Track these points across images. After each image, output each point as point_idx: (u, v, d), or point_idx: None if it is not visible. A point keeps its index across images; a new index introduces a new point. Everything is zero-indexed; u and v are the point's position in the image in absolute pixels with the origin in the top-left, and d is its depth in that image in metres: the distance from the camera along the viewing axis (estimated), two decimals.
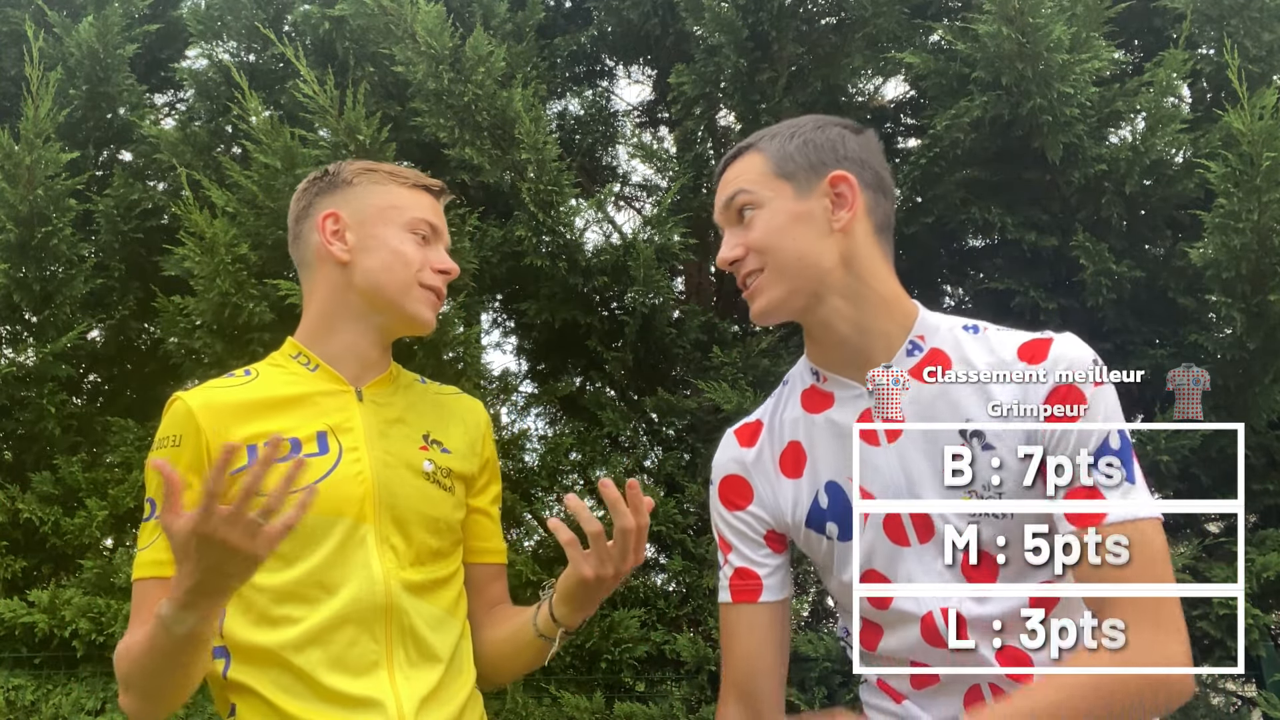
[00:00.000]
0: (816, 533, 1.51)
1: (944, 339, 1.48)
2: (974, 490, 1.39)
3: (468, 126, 3.60)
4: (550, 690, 3.53)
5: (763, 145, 1.53)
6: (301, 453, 1.50)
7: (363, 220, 1.60)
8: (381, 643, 1.49)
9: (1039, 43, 3.13)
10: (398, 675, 1.49)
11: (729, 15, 3.61)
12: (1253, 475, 3.50)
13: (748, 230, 1.49)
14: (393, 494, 1.55)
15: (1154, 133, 3.33)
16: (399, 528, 1.54)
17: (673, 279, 4.22)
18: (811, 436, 1.53)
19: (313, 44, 4.14)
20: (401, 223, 1.60)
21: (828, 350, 1.52)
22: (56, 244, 3.89)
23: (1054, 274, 3.59)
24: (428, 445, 1.63)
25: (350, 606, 1.48)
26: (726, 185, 1.54)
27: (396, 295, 1.58)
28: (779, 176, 1.49)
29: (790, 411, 1.57)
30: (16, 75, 4.22)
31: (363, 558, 1.50)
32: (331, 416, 1.56)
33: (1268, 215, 2.98)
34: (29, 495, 3.89)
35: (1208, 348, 3.33)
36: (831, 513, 1.49)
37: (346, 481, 1.52)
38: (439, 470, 1.61)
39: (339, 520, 1.50)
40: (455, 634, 1.59)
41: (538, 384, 4.50)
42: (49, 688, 3.54)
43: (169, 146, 4.09)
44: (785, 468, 1.56)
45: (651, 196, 4.85)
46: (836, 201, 1.49)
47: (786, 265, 1.47)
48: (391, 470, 1.56)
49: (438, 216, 1.66)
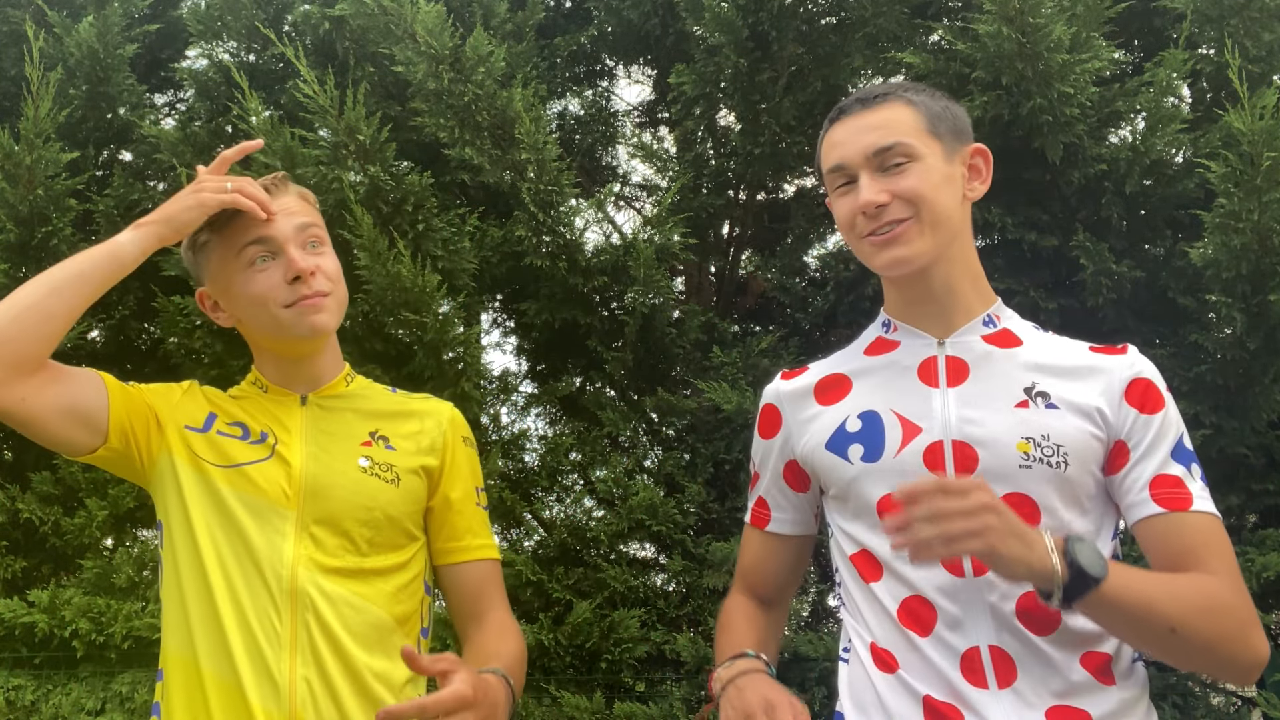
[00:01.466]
0: (837, 455, 1.52)
1: (1017, 324, 1.56)
2: (1033, 439, 1.42)
3: (468, 126, 3.60)
4: (550, 690, 3.53)
5: (911, 98, 1.53)
6: (248, 439, 1.63)
7: (219, 287, 1.66)
8: (286, 625, 1.53)
9: (1039, 43, 3.13)
10: (298, 659, 1.52)
11: (729, 15, 3.61)
12: (1253, 475, 3.49)
13: (899, 178, 1.48)
14: (320, 485, 1.60)
15: (1154, 133, 3.33)
16: (325, 518, 1.59)
17: (673, 279, 4.22)
18: (864, 371, 1.58)
19: (313, 44, 4.14)
20: (238, 266, 1.62)
21: (913, 305, 1.56)
22: (56, 244, 3.89)
23: (1054, 274, 3.59)
24: (372, 441, 1.67)
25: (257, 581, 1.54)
26: (874, 130, 1.50)
27: (276, 331, 1.62)
28: (931, 134, 1.50)
29: (848, 355, 1.63)
30: (16, 75, 4.22)
31: (279, 538, 1.56)
32: (275, 419, 1.66)
33: (1268, 215, 2.98)
34: (29, 495, 3.89)
35: (1208, 348, 3.33)
36: (861, 436, 1.50)
37: (274, 469, 1.60)
38: (377, 465, 1.65)
39: (260, 500, 1.58)
40: (383, 628, 1.59)
41: (538, 384, 4.51)
42: (49, 688, 3.54)
43: (169, 146, 4.09)
44: (821, 396, 1.59)
45: (651, 196, 4.86)
46: (972, 173, 1.54)
47: (938, 221, 1.49)
48: (321, 464, 1.62)
49: (269, 224, 1.61)
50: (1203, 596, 1.34)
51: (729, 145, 4.21)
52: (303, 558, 1.55)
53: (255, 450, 1.61)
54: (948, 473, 1.44)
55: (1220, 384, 3.26)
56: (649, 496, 3.60)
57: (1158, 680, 3.40)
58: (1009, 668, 1.37)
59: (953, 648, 1.39)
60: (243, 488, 1.58)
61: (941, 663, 1.39)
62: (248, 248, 1.60)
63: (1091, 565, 1.28)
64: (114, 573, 3.66)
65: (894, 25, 3.69)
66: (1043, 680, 1.37)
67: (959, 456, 1.44)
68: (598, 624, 3.58)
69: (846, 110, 1.54)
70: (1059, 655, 1.38)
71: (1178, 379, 3.34)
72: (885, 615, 1.45)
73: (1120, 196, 3.40)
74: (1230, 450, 3.37)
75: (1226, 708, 3.58)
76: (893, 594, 1.45)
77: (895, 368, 1.54)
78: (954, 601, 1.40)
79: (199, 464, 1.59)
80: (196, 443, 1.61)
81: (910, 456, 1.46)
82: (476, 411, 3.79)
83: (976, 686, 1.37)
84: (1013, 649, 1.38)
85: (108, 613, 3.53)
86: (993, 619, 1.39)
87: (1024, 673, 1.37)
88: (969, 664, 1.38)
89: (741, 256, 4.63)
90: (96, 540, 3.84)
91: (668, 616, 3.68)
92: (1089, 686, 1.37)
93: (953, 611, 1.40)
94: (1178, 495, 1.41)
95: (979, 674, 1.38)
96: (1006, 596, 1.39)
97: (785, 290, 4.10)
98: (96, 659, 3.59)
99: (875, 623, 1.47)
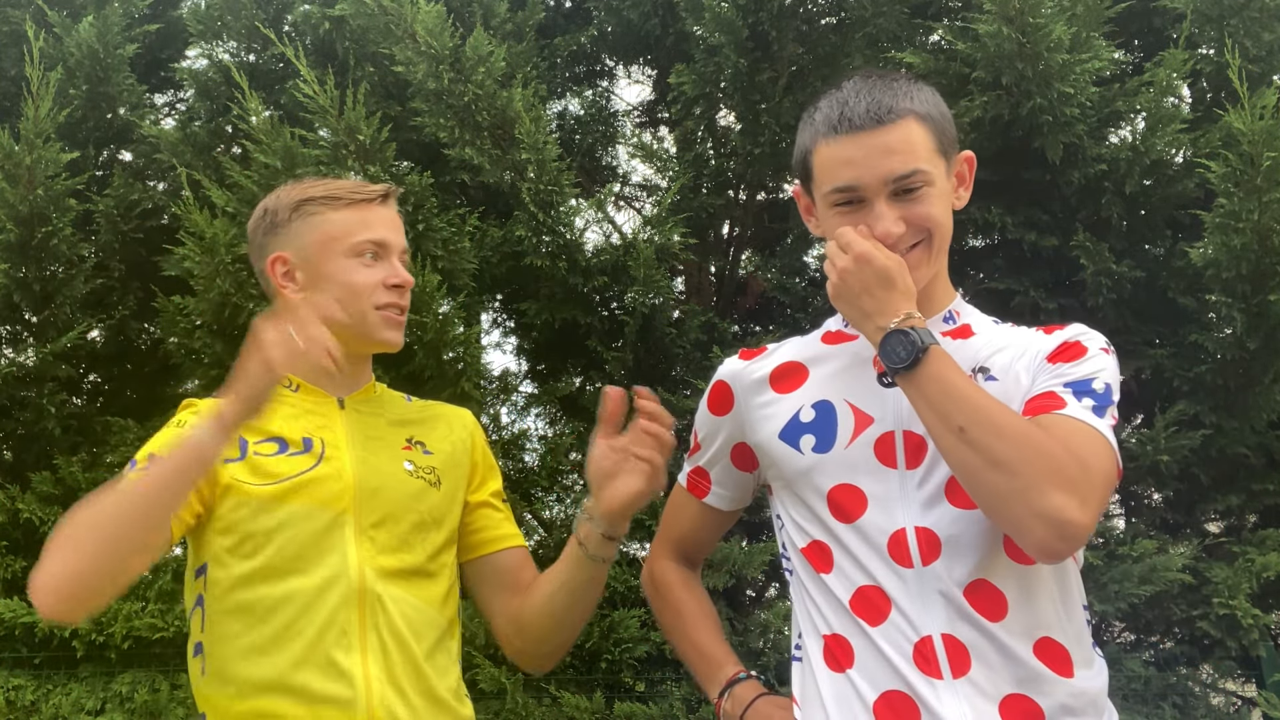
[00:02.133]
0: (789, 446, 1.51)
1: (974, 318, 1.56)
2: None
3: (468, 126, 3.60)
4: (550, 690, 3.53)
5: (920, 110, 1.45)
6: (288, 451, 1.57)
7: (307, 259, 1.63)
8: (354, 627, 1.51)
9: (1039, 43, 3.13)
10: (370, 659, 1.51)
11: (729, 15, 3.61)
12: (1253, 475, 3.49)
13: (915, 204, 1.43)
14: (373, 489, 1.59)
15: (1154, 133, 3.33)
16: (379, 520, 1.58)
17: (673, 279, 4.22)
18: (820, 360, 1.57)
19: (313, 44, 4.14)
20: (344, 250, 1.62)
21: None
22: (56, 244, 3.89)
23: (1054, 274, 3.59)
24: (410, 446, 1.67)
25: (323, 587, 1.51)
26: (893, 154, 1.42)
27: (355, 327, 1.62)
28: (940, 154, 1.47)
29: (804, 343, 1.62)
30: (16, 75, 4.22)
31: (340, 546, 1.54)
32: (315, 423, 1.62)
33: (1268, 215, 2.98)
34: (29, 495, 3.89)
35: (1208, 348, 3.33)
36: (814, 426, 1.49)
37: (328, 479, 1.57)
38: (420, 469, 1.65)
39: (319, 511, 1.55)
40: (438, 629, 1.60)
41: (538, 384, 4.50)
42: (49, 688, 3.54)
43: (169, 146, 4.09)
44: (777, 384, 1.58)
45: (651, 196, 4.85)
46: (959, 179, 1.52)
47: (944, 242, 1.49)
48: (371, 467, 1.61)
49: (385, 227, 1.65)
50: (1012, 423, 1.30)
51: (729, 145, 4.21)
52: (367, 559, 1.54)
53: (300, 460, 1.58)
54: (898, 463, 1.43)
55: (1220, 384, 3.26)
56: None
57: (1158, 680, 3.41)
58: (963, 657, 1.36)
59: (906, 637, 1.37)
60: (296, 500, 1.54)
61: (893, 654, 1.38)
62: (363, 243, 1.62)
63: (924, 335, 1.33)
64: None
65: (894, 25, 3.69)
66: (998, 669, 1.35)
67: (909, 446, 1.43)
68: (598, 624, 3.58)
69: (856, 123, 1.43)
70: (1013, 643, 1.36)
71: (1178, 379, 3.34)
72: (838, 605, 1.44)
73: (1120, 196, 3.40)
74: (1230, 450, 3.37)
75: (1226, 708, 3.58)
76: (845, 584, 1.44)
77: (853, 358, 1.53)
78: (905, 591, 1.39)
79: (243, 491, 1.54)
80: (238, 472, 1.55)
81: (861, 448, 1.45)
82: (476, 412, 3.78)
83: (930, 676, 1.35)
84: (966, 637, 1.36)
85: (108, 613, 3.53)
86: (945, 608, 1.37)
87: (978, 661, 1.35)
88: (921, 654, 1.37)
89: (741, 256, 4.63)
90: None
91: None
92: (1045, 678, 1.36)
93: (904, 601, 1.38)
94: (1049, 404, 1.36)
95: (932, 664, 1.36)
96: (958, 583, 1.38)
97: (785, 290, 4.10)
98: (96, 659, 3.59)
99: (830, 613, 1.45)
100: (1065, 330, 1.48)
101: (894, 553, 1.40)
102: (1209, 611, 3.28)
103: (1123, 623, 3.71)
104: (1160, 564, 3.23)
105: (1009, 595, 1.38)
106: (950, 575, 1.37)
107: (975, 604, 1.37)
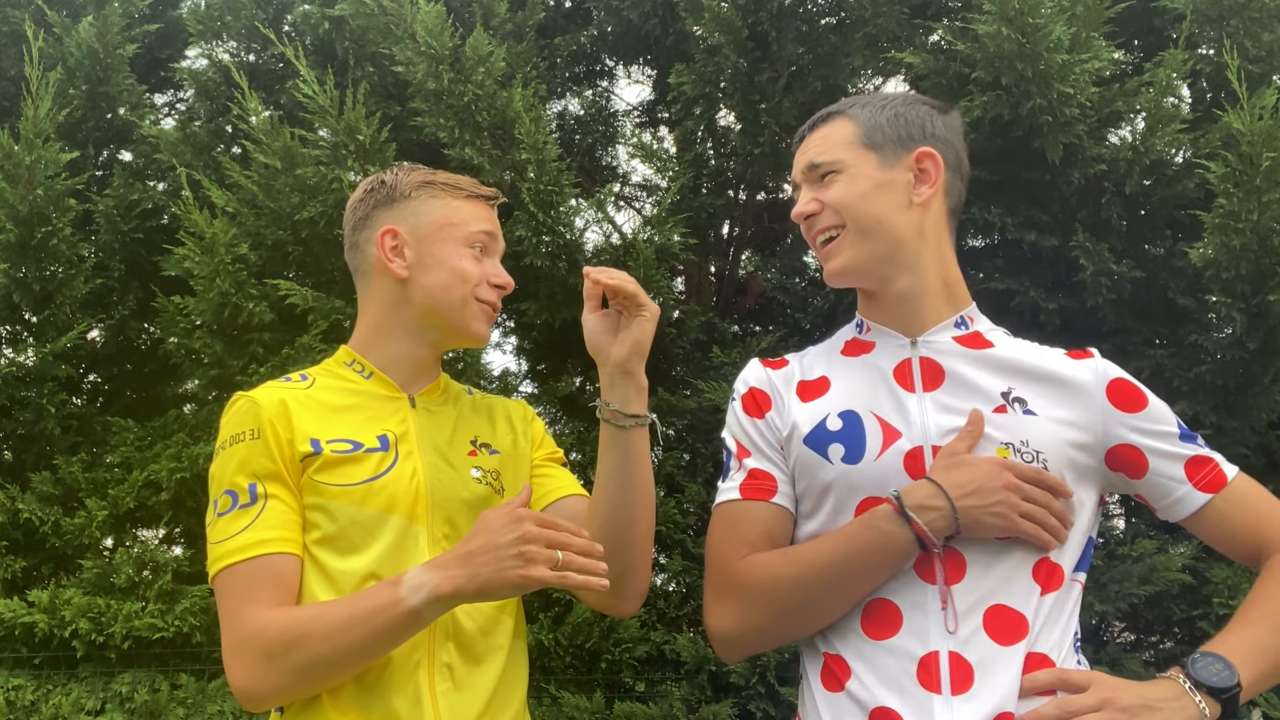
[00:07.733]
0: (816, 453, 1.52)
1: (988, 327, 1.60)
2: (1012, 445, 1.43)
3: (468, 126, 3.60)
4: (550, 690, 3.53)
5: (853, 113, 1.60)
6: (364, 448, 1.56)
7: (421, 237, 1.64)
8: (424, 641, 1.49)
9: (1039, 43, 3.13)
10: (437, 677, 1.50)
11: (729, 15, 3.61)
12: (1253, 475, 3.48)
13: (824, 189, 1.57)
14: (445, 495, 1.59)
15: (1154, 133, 3.32)
16: (451, 527, 1.58)
17: (673, 279, 4.22)
18: (842, 372, 1.59)
19: (313, 44, 4.14)
20: (460, 238, 1.64)
21: (880, 310, 1.60)
22: (56, 244, 3.89)
23: (1054, 274, 3.59)
24: (476, 450, 1.68)
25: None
26: (809, 149, 1.61)
27: (453, 312, 1.63)
28: (865, 146, 1.56)
29: (824, 354, 1.65)
30: (16, 75, 4.22)
31: (415, 554, 1.52)
32: (388, 421, 1.61)
33: (1268, 215, 2.97)
34: (29, 495, 3.89)
35: (1208, 348, 3.33)
36: (842, 436, 1.50)
37: (401, 481, 1.56)
38: (487, 474, 1.66)
39: (392, 517, 1.53)
40: (505, 634, 1.60)
41: (538, 384, 4.50)
42: (49, 688, 3.54)
43: (169, 146, 4.09)
44: (802, 393, 1.60)
45: (651, 196, 4.85)
46: (920, 177, 1.57)
47: (867, 229, 1.53)
48: (442, 472, 1.60)
49: (494, 226, 1.71)
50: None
51: (729, 145, 4.20)
52: None
53: (374, 461, 1.55)
54: None
55: (1220, 384, 3.26)
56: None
57: None
58: (966, 675, 1.37)
59: (911, 653, 1.39)
60: (370, 504, 1.52)
61: (895, 667, 1.39)
62: (478, 234, 1.65)
63: (1219, 676, 1.33)
64: (114, 573, 3.65)
65: (894, 25, 3.68)
66: (996, 689, 1.36)
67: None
68: (598, 624, 3.58)
69: (804, 131, 1.65)
70: (1014, 662, 1.37)
71: (1178, 379, 3.34)
72: (845, 619, 1.45)
73: (1120, 196, 3.39)
74: (1230, 450, 3.37)
75: None
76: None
77: (872, 370, 1.55)
78: (919, 608, 1.40)
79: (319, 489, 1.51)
80: (313, 469, 1.52)
81: (891, 461, 1.46)
82: None
83: (929, 691, 1.36)
84: (974, 658, 1.37)
85: (108, 613, 3.53)
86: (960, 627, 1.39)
87: (980, 681, 1.36)
88: (925, 669, 1.38)
89: (741, 256, 4.63)
90: (96, 540, 3.83)
91: (668, 616, 3.68)
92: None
93: (917, 617, 1.40)
94: (1214, 475, 1.48)
95: (934, 679, 1.37)
96: (980, 603, 1.39)
97: (785, 290, 4.10)
98: (96, 659, 3.59)
99: (833, 627, 1.46)
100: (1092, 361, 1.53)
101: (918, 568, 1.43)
102: (1209, 611, 3.28)
103: (1123, 623, 3.71)
104: (1160, 564, 3.23)
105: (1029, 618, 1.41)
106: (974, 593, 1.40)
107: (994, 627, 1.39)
